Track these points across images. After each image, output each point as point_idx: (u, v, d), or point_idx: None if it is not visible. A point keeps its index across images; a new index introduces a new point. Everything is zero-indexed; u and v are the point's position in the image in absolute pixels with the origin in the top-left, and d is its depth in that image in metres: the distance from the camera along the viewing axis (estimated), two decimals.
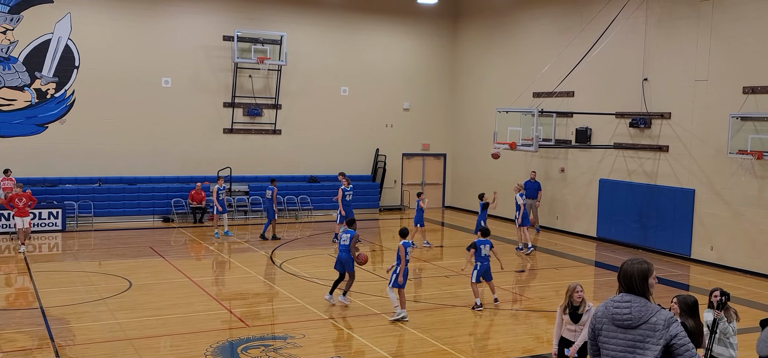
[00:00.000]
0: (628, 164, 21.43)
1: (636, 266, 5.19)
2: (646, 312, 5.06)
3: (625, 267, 5.23)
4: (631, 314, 5.07)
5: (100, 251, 19.40)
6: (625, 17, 20.67)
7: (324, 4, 26.63)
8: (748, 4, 17.99)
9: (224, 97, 25.48)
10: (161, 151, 24.68)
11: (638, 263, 5.21)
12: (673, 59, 19.91)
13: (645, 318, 5.05)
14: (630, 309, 5.09)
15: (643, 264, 5.21)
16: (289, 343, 11.50)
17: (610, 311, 5.18)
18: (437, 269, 17.89)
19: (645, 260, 5.26)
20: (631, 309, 5.08)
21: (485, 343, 12.32)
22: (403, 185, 29.02)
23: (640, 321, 5.05)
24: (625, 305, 5.11)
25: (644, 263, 5.21)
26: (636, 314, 5.06)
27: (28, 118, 22.89)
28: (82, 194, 23.12)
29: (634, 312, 5.07)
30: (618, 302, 5.17)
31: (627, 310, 5.10)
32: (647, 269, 5.19)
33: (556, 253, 20.47)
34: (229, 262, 18.54)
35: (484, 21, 27.53)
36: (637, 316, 5.06)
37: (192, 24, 24.88)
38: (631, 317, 5.07)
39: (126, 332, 11.94)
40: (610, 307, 5.19)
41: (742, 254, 18.29)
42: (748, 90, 17.88)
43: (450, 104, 29.30)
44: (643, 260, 5.26)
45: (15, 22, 22.47)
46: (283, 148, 26.50)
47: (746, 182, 18.03)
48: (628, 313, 5.08)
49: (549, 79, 21.78)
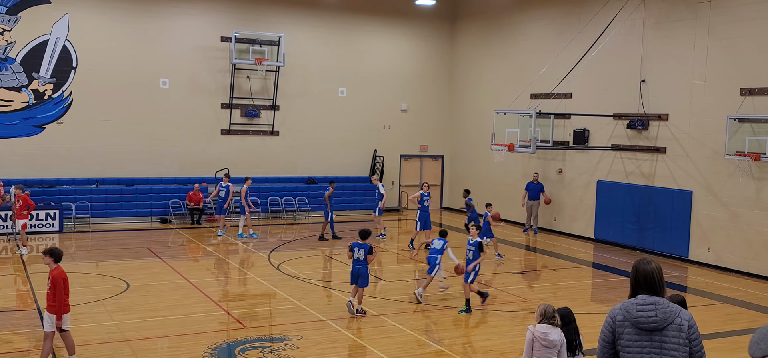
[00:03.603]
0: (626, 166, 21.45)
1: (653, 266, 5.07)
2: (670, 313, 4.94)
3: (643, 268, 5.07)
4: (657, 316, 4.92)
5: (97, 252, 19.37)
6: (622, 19, 20.69)
7: (322, 5, 26.63)
8: (746, 6, 18.02)
9: (222, 98, 25.47)
10: (159, 152, 24.66)
11: (651, 262, 5.11)
12: (671, 61, 19.93)
13: (670, 319, 4.92)
14: (655, 312, 4.93)
15: (656, 263, 5.12)
16: (286, 344, 11.49)
17: (632, 316, 4.97)
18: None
19: (652, 259, 5.20)
20: (656, 312, 4.93)
21: (483, 344, 12.31)
22: (401, 186, 29.02)
23: (665, 323, 4.91)
24: (650, 308, 4.95)
25: (655, 262, 5.15)
26: (662, 316, 4.92)
27: (26, 119, 22.85)
28: (80, 195, 23.09)
29: (660, 314, 4.92)
30: (641, 305, 4.98)
31: (652, 313, 4.93)
32: (661, 268, 5.13)
33: (554, 254, 20.47)
34: (227, 263, 18.52)
35: (481, 22, 27.54)
36: (662, 318, 4.92)
37: (190, 25, 24.87)
38: (656, 319, 4.92)
39: (123, 334, 11.92)
40: (633, 311, 4.99)
41: (740, 256, 18.31)
42: (745, 92, 17.90)
43: (448, 106, 29.31)
44: (652, 259, 5.18)
45: (12, 22, 22.44)
46: (280, 149, 26.49)
47: (743, 184, 18.05)
48: (654, 316, 4.92)
49: (547, 81, 21.80)
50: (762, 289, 16.70)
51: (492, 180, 26.00)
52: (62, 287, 9.96)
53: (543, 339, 7.64)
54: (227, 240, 21.32)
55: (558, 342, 7.69)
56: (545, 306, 7.90)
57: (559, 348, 7.71)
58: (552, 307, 7.89)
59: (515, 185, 24.76)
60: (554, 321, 7.77)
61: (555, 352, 7.68)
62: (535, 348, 7.68)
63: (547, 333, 7.66)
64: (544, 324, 7.75)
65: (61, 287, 9.94)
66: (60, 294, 9.93)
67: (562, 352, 7.75)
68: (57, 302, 9.94)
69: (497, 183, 25.98)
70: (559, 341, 7.71)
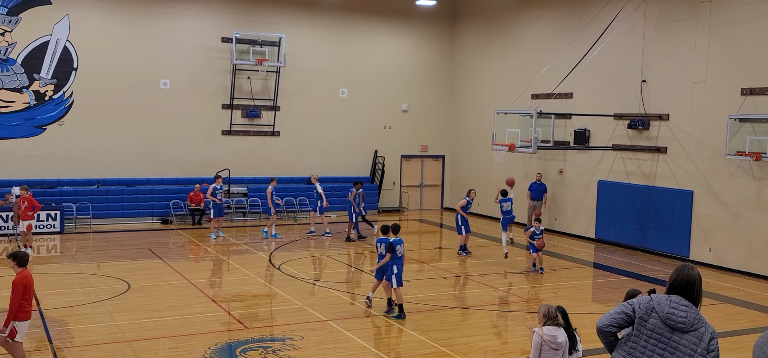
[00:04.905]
0: (627, 166, 21.45)
1: (695, 273, 5.31)
2: (697, 321, 5.20)
3: (686, 272, 5.30)
4: (687, 319, 5.18)
5: (98, 252, 19.38)
6: (623, 19, 20.69)
7: (322, 5, 26.64)
8: (746, 5, 18.02)
9: (223, 98, 25.48)
10: (160, 152, 24.68)
11: (694, 269, 5.35)
12: (672, 61, 19.93)
13: (696, 326, 5.18)
14: (687, 314, 5.19)
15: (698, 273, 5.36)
16: (287, 345, 11.50)
17: (665, 310, 5.23)
18: (435, 270, 17.89)
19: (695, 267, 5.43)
20: (688, 314, 5.19)
21: (483, 345, 12.31)
22: (401, 186, 29.03)
23: (691, 327, 5.17)
24: (683, 309, 5.21)
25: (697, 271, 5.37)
26: (690, 320, 5.18)
27: (27, 120, 22.87)
28: (81, 195, 23.11)
29: (690, 318, 5.19)
30: (676, 303, 5.24)
31: (683, 314, 5.19)
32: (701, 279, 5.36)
33: (555, 254, 20.47)
34: (228, 263, 18.53)
35: (482, 23, 27.54)
36: (690, 322, 5.18)
37: (190, 26, 24.88)
38: (686, 321, 5.18)
39: (124, 334, 11.93)
40: (666, 306, 5.25)
41: (740, 256, 18.31)
42: (746, 91, 17.90)
43: (448, 106, 29.31)
44: (695, 267, 5.42)
45: (13, 23, 22.46)
46: (281, 149, 26.49)
47: (744, 184, 18.05)
48: (685, 317, 5.18)
49: (547, 81, 21.80)
50: (763, 289, 16.70)
51: (493, 180, 25.97)
52: (21, 291, 9.43)
53: (552, 342, 7.66)
54: (227, 240, 21.32)
55: (564, 343, 7.73)
56: (547, 307, 7.91)
57: (564, 348, 7.74)
58: (554, 307, 7.90)
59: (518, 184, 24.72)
60: (557, 321, 7.79)
61: (561, 353, 7.71)
62: (543, 351, 7.70)
63: (556, 336, 7.69)
64: (550, 326, 7.76)
65: (19, 292, 9.41)
66: (15, 298, 9.39)
67: (566, 351, 7.77)
68: (10, 306, 9.41)
69: (498, 183, 25.92)
70: (565, 342, 7.75)
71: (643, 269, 18.56)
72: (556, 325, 7.77)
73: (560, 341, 7.69)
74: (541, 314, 7.89)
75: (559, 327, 7.76)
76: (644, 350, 5.25)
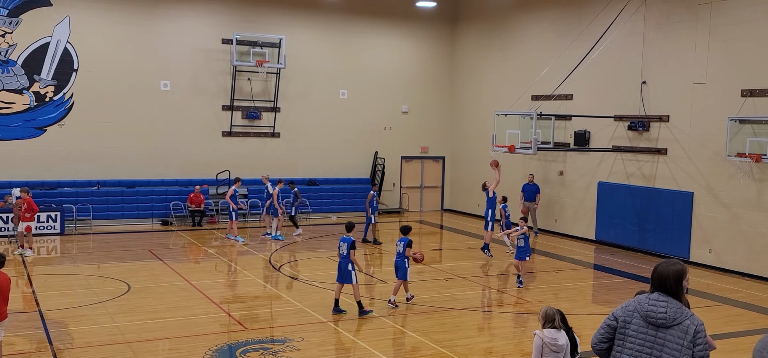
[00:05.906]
0: (627, 167, 21.46)
1: (671, 267, 5.26)
2: (680, 315, 5.15)
3: (659, 269, 5.29)
4: (667, 313, 5.15)
5: (98, 254, 19.38)
6: (623, 20, 20.70)
7: (323, 7, 26.65)
8: (747, 7, 18.02)
9: (223, 100, 25.49)
10: (160, 154, 24.68)
11: (673, 264, 5.29)
12: (672, 62, 19.94)
13: (678, 320, 5.13)
14: (666, 309, 5.16)
15: (678, 265, 5.29)
16: (288, 346, 11.50)
17: (644, 308, 5.23)
18: (436, 271, 17.89)
19: (679, 262, 5.35)
20: (668, 309, 5.16)
21: (484, 346, 12.31)
22: (402, 187, 29.03)
23: (674, 322, 5.13)
24: (662, 305, 5.18)
25: (679, 264, 5.30)
26: (671, 315, 5.14)
27: (27, 122, 22.88)
28: (81, 197, 23.12)
29: (670, 313, 5.15)
30: (654, 299, 5.22)
31: (663, 309, 5.16)
32: (682, 271, 5.29)
33: (555, 256, 20.47)
34: (228, 265, 18.53)
35: (482, 24, 27.55)
36: (671, 316, 5.14)
37: (190, 27, 24.89)
38: (666, 316, 5.14)
39: (124, 336, 11.94)
40: (645, 304, 5.24)
41: (741, 257, 18.31)
42: (746, 93, 17.90)
43: (449, 107, 29.32)
44: (678, 261, 5.35)
45: (14, 25, 22.48)
46: (281, 151, 26.50)
47: (744, 185, 18.05)
48: (664, 312, 5.15)
49: (547, 82, 21.80)
50: (763, 290, 16.70)
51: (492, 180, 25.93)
52: None
53: (552, 344, 7.68)
54: (227, 241, 21.33)
55: (565, 346, 7.74)
56: (547, 309, 7.92)
57: (565, 351, 7.75)
58: (553, 309, 7.91)
59: (516, 186, 24.72)
60: (557, 323, 7.81)
61: (562, 355, 7.73)
62: (544, 354, 7.71)
63: (557, 338, 7.71)
64: (550, 329, 7.76)
65: None
66: None
67: (567, 354, 7.78)
68: None
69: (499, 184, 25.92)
70: (565, 344, 7.75)
71: (644, 270, 18.54)
72: (557, 327, 7.78)
73: (561, 344, 7.71)
74: (541, 316, 7.91)
75: (559, 330, 7.77)
76: (632, 351, 5.24)
